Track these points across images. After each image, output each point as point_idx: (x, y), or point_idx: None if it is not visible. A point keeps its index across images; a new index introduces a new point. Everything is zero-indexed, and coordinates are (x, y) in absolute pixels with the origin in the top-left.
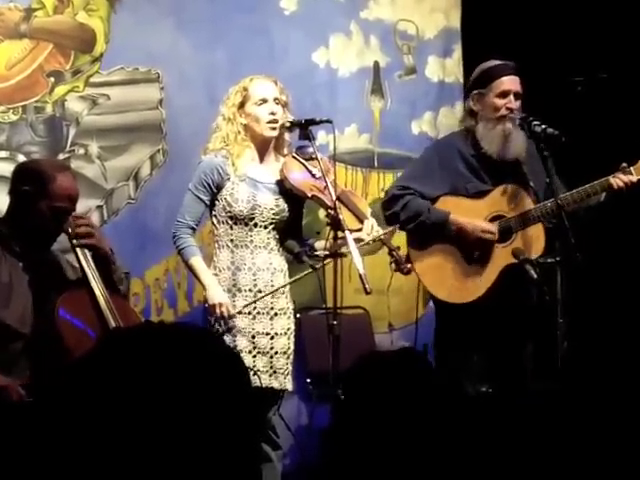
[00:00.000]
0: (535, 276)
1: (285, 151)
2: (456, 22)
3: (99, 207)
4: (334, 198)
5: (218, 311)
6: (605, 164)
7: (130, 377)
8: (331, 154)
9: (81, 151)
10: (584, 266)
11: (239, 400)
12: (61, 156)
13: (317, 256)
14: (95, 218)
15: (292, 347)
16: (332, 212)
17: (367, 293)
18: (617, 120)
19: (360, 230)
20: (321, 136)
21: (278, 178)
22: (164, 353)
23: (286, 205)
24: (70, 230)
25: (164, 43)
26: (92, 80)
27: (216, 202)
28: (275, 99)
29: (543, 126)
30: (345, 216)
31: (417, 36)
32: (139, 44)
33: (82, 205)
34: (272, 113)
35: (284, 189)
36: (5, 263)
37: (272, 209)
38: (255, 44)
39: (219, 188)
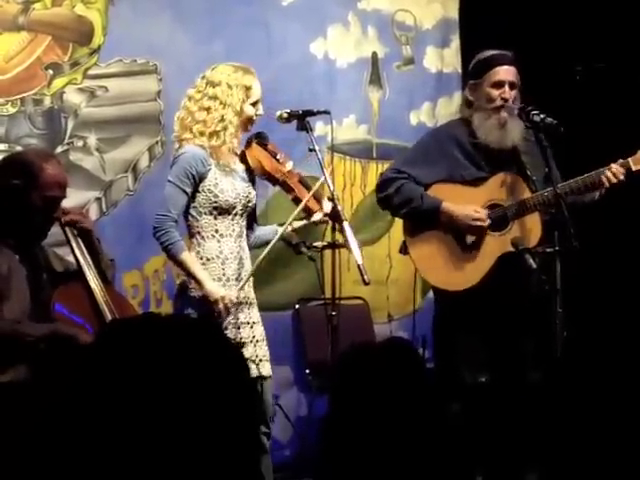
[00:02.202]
0: (534, 266)
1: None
2: (454, 12)
3: (98, 199)
4: (332, 189)
5: (221, 305)
6: (604, 153)
7: (130, 369)
8: (329, 145)
9: (79, 143)
10: (583, 255)
11: (240, 390)
12: (59, 148)
13: (315, 247)
14: (94, 210)
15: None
16: (331, 203)
17: (366, 284)
18: (616, 109)
19: (321, 209)
20: (319, 127)
21: (244, 167)
22: (164, 344)
23: (254, 192)
24: (62, 218)
25: (162, 35)
26: (90, 72)
27: (197, 194)
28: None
29: (542, 116)
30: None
31: (415, 26)
32: (137, 36)
33: (81, 197)
34: (259, 115)
35: (252, 177)
36: (3, 256)
37: (246, 197)
38: (253, 36)
39: (202, 179)
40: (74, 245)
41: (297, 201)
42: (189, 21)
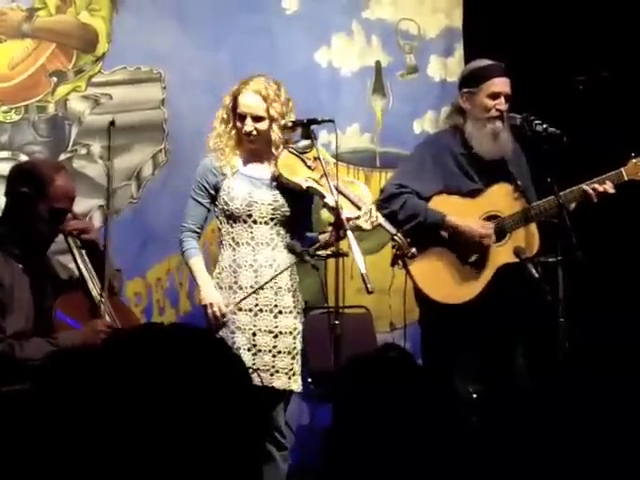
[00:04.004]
0: (537, 275)
1: (279, 149)
2: (458, 21)
3: (101, 207)
4: (336, 198)
5: (210, 311)
6: (607, 163)
7: (130, 380)
8: (333, 154)
9: (83, 151)
10: (586, 265)
11: (238, 400)
12: (63, 156)
13: (320, 256)
14: (97, 218)
15: (299, 347)
16: (333, 210)
17: (369, 293)
18: (619, 119)
19: (358, 218)
20: (323, 136)
21: (273, 174)
22: (164, 355)
23: (285, 200)
24: (67, 229)
25: (166, 43)
26: (94, 80)
27: (216, 202)
28: (254, 117)
29: (545, 125)
30: (343, 204)
31: (419, 35)
32: (141, 44)
33: (84, 205)
34: (247, 131)
35: (281, 184)
36: (6, 266)
37: (270, 204)
38: (257, 44)
39: (217, 189)
40: (76, 254)
41: (328, 207)
42: (193, 29)
